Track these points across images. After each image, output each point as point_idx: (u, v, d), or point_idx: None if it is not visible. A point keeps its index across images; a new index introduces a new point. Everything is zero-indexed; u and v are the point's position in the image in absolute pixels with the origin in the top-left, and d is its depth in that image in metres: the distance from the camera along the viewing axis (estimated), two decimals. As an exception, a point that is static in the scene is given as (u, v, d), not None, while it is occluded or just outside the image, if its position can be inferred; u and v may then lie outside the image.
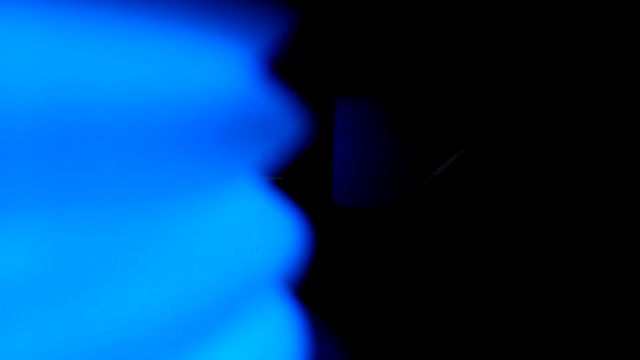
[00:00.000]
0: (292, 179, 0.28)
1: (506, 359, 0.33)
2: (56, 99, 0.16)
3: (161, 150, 0.17)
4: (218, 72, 0.19)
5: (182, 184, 0.18)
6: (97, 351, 0.16)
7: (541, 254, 0.33)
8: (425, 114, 0.33)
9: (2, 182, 0.15)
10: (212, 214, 0.19)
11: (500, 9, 0.32)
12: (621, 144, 0.33)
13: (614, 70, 0.32)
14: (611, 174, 0.33)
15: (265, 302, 0.21)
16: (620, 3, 0.32)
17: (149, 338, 0.17)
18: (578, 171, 0.34)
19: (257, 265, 0.20)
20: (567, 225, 0.34)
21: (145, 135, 0.17)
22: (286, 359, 0.21)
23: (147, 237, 0.18)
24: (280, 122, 0.21)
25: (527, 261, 0.33)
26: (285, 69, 0.22)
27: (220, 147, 0.19)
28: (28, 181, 0.15)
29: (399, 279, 0.33)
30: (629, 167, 0.33)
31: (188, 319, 0.18)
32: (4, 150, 0.15)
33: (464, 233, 0.33)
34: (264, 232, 0.21)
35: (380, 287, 0.33)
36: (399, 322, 0.33)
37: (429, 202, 0.32)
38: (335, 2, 0.29)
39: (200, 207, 0.19)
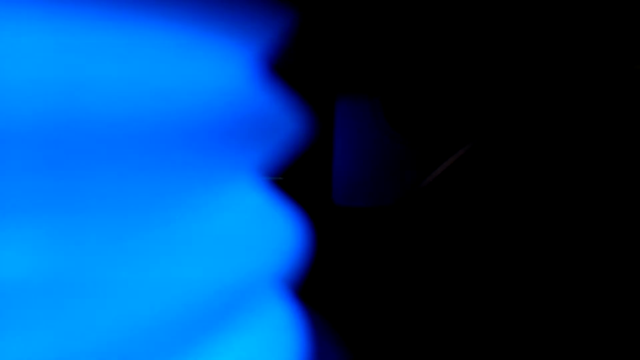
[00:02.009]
0: (292, 179, 0.28)
1: (506, 359, 0.33)
2: (58, 99, 0.16)
3: (161, 150, 0.17)
4: (218, 72, 0.19)
5: (182, 183, 0.18)
6: (98, 351, 0.16)
7: (541, 253, 0.33)
8: (425, 114, 0.33)
9: (6, 184, 0.15)
10: (211, 214, 0.19)
11: (500, 9, 0.32)
12: (621, 144, 0.33)
13: (614, 71, 0.32)
14: (611, 174, 0.33)
15: (265, 302, 0.21)
16: (619, 3, 0.32)
17: (150, 338, 0.17)
18: (578, 171, 0.34)
19: (257, 264, 0.20)
20: (566, 225, 0.34)
21: (145, 136, 0.17)
22: (286, 358, 0.21)
23: (148, 238, 0.18)
24: (280, 122, 0.21)
25: (526, 260, 0.33)
26: (285, 69, 0.22)
27: (220, 146, 0.19)
28: (31, 181, 0.15)
29: (398, 278, 0.33)
30: (628, 166, 0.33)
31: (188, 318, 0.18)
32: (6, 152, 0.15)
33: (463, 233, 0.33)
34: (264, 232, 0.21)
35: (380, 286, 0.33)
36: (399, 322, 0.33)
37: (428, 202, 0.32)
38: (335, 2, 0.29)
39: (200, 207, 0.19)
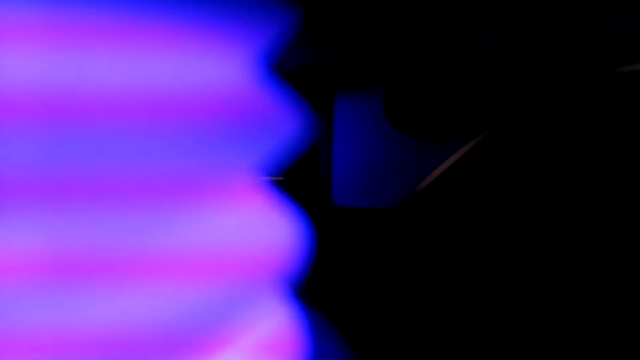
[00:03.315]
0: (292, 179, 0.28)
1: (506, 359, 0.33)
2: (56, 98, 0.16)
3: (160, 149, 0.17)
4: (219, 71, 0.19)
5: (182, 183, 0.18)
6: (99, 350, 0.16)
7: (543, 256, 0.33)
8: (426, 113, 0.33)
9: (6, 182, 0.15)
10: (212, 213, 0.19)
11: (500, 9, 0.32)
12: (613, 147, 0.33)
13: (599, 74, 0.32)
14: (608, 176, 0.33)
15: (265, 302, 0.21)
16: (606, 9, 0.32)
17: (150, 337, 0.17)
18: (578, 172, 0.34)
19: (258, 265, 0.20)
20: (567, 226, 0.33)
21: (145, 135, 0.17)
22: (287, 358, 0.21)
23: (148, 237, 0.17)
24: (280, 122, 0.21)
25: (528, 263, 0.33)
26: (285, 69, 0.22)
27: (220, 146, 0.19)
28: (31, 181, 0.15)
29: (399, 279, 0.33)
30: (624, 168, 0.33)
31: (189, 318, 0.18)
32: (6, 152, 0.15)
33: (464, 233, 0.33)
34: (264, 232, 0.21)
35: (381, 287, 0.33)
36: (400, 323, 0.33)
37: (429, 202, 0.32)
38: (335, 1, 0.29)
39: (199, 207, 0.19)
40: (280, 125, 0.21)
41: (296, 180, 0.30)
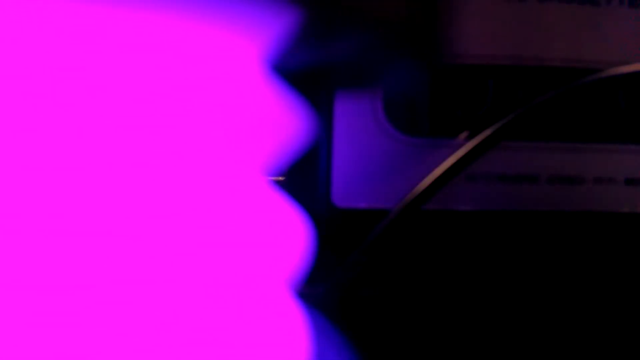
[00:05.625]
0: (292, 179, 0.28)
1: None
2: (56, 94, 0.16)
3: (161, 149, 0.17)
4: (219, 71, 0.19)
5: (183, 182, 0.18)
6: (99, 350, 0.16)
7: (544, 257, 0.34)
8: (426, 113, 0.33)
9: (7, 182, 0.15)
10: (211, 213, 0.19)
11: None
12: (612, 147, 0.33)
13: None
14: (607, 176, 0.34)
15: (265, 302, 0.21)
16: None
17: (150, 336, 0.17)
18: (577, 172, 0.34)
19: (257, 265, 0.20)
20: (569, 227, 0.34)
21: (144, 135, 0.17)
22: (288, 358, 0.21)
23: (149, 236, 0.18)
24: (280, 122, 0.21)
25: (530, 265, 0.33)
26: (285, 69, 0.22)
27: (220, 146, 0.19)
28: (29, 179, 0.15)
29: (400, 279, 0.33)
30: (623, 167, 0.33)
31: (189, 318, 0.18)
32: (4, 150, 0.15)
33: (463, 234, 0.33)
34: (264, 232, 0.21)
35: (381, 287, 0.33)
36: (401, 322, 0.33)
37: (429, 202, 0.32)
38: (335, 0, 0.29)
39: (200, 206, 0.19)
40: (280, 125, 0.21)
41: (296, 180, 0.30)
